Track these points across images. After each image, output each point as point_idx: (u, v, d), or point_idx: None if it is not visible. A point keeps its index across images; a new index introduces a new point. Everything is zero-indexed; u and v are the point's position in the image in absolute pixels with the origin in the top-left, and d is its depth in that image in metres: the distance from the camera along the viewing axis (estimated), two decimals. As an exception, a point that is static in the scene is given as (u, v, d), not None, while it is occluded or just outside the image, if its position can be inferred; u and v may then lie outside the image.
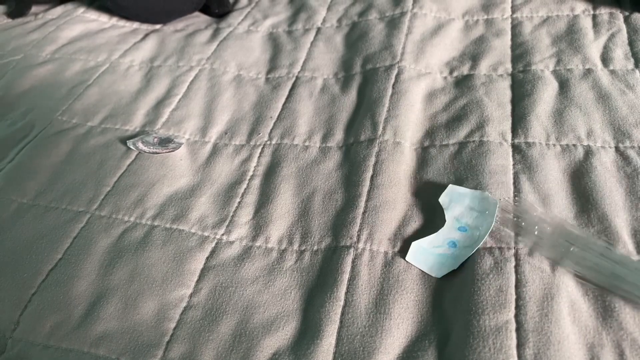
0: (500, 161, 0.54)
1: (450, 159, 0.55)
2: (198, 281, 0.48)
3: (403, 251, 0.48)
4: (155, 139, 0.63)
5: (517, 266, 0.44)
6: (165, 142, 0.62)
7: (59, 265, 0.50)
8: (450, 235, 0.48)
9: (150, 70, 0.76)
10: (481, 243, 0.46)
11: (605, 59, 0.64)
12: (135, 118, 0.67)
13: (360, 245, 0.49)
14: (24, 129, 0.67)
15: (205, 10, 0.90)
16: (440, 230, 0.49)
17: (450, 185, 0.52)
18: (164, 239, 0.52)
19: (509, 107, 0.60)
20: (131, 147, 0.61)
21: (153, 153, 0.61)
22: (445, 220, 0.49)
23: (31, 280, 0.49)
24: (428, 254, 0.47)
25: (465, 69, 0.68)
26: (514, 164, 0.53)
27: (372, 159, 0.56)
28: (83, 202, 0.56)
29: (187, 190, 0.57)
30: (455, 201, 0.50)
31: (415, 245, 0.48)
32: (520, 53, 0.68)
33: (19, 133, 0.67)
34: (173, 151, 0.61)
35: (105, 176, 0.59)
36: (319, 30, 0.80)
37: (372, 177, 0.55)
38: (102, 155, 0.61)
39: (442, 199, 0.51)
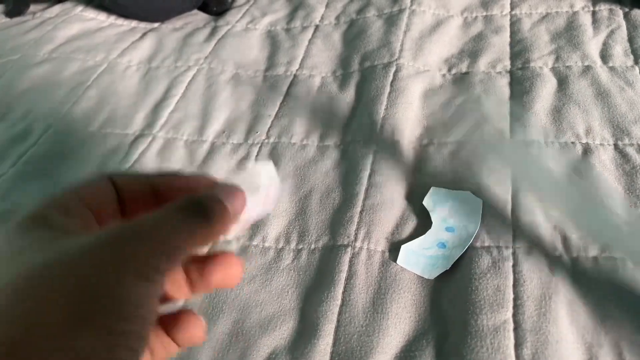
0: (499, 159, 0.53)
1: (448, 157, 0.55)
2: (195, 281, 0.48)
3: (399, 251, 0.48)
4: None
5: (515, 265, 0.44)
6: None
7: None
8: (438, 237, 0.48)
9: (148, 72, 0.76)
10: (471, 242, 0.46)
11: (605, 56, 0.64)
12: (135, 121, 0.67)
13: (358, 244, 0.48)
14: (24, 132, 0.67)
15: (203, 8, 0.90)
16: (428, 232, 0.48)
17: (432, 187, 0.52)
18: (161, 239, 0.51)
19: (507, 105, 0.60)
20: None
21: None
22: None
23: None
24: (419, 257, 0.47)
25: (463, 67, 0.67)
26: (512, 162, 0.53)
27: (370, 158, 0.56)
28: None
29: (184, 190, 0.56)
30: (439, 203, 0.50)
31: (404, 248, 0.47)
32: (519, 50, 0.68)
33: (19, 136, 0.66)
34: None
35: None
36: (317, 27, 0.80)
37: (369, 175, 0.54)
38: (102, 159, 0.61)
39: (426, 202, 0.50)
